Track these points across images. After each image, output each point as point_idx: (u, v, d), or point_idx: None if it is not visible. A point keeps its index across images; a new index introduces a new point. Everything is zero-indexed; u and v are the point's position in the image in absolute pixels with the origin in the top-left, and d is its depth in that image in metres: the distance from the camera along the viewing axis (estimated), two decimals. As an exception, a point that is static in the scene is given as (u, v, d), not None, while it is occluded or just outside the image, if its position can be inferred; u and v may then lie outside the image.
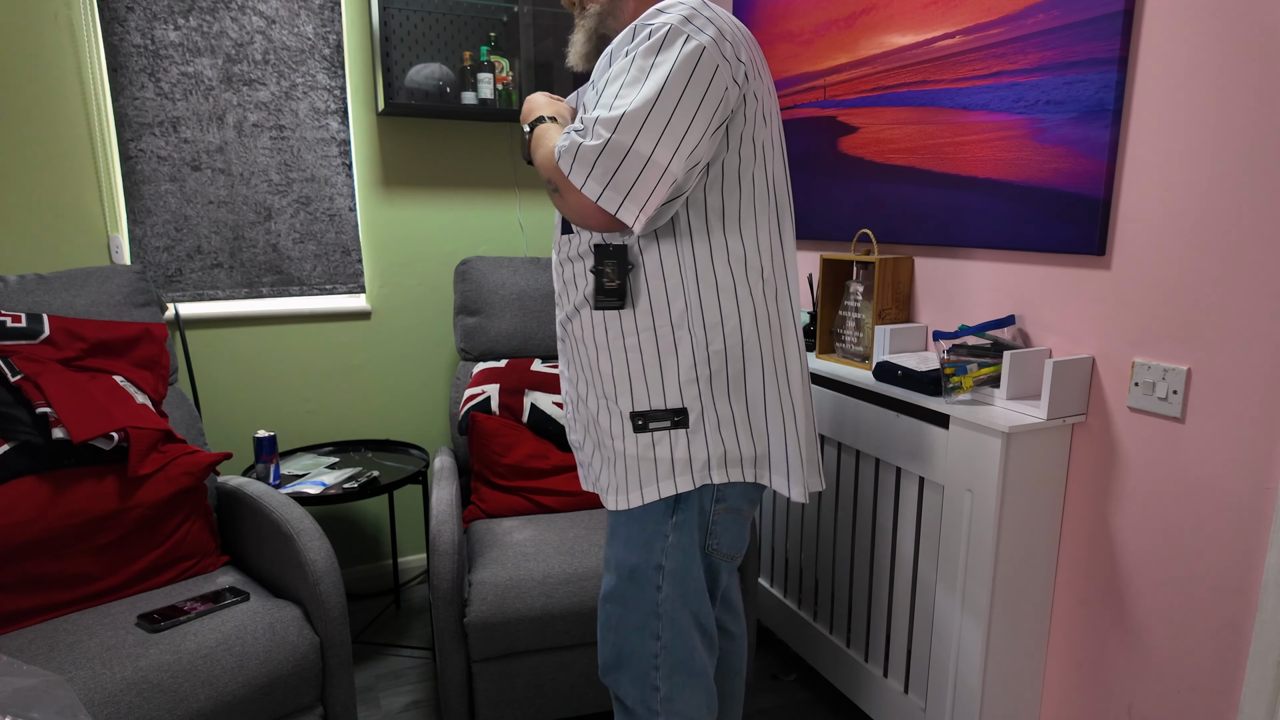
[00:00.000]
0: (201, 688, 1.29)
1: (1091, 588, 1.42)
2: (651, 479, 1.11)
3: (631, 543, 1.15)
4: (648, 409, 1.10)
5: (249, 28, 2.14)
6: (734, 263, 1.09)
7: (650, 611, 1.16)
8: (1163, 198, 1.26)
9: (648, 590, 1.15)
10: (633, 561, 1.15)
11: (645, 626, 1.16)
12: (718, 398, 1.10)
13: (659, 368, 1.10)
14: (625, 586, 1.16)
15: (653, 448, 1.10)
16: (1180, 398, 1.25)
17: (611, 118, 0.97)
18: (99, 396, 1.57)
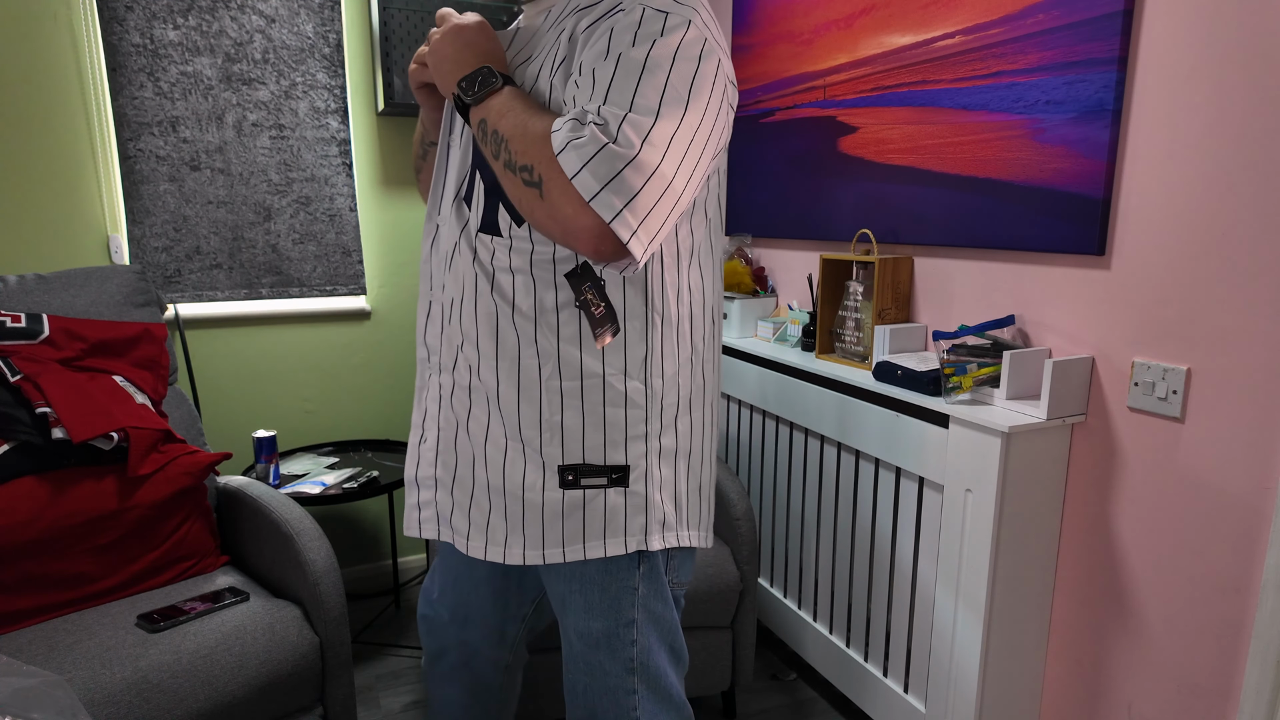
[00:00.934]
0: (201, 688, 1.29)
1: (1091, 587, 1.42)
2: (598, 532, 0.96)
3: (592, 609, 1.00)
4: (581, 463, 0.94)
5: (248, 27, 2.14)
6: (695, 304, 0.97)
7: (625, 670, 1.02)
8: (1162, 198, 1.26)
9: (621, 650, 1.02)
10: (599, 628, 1.00)
11: (620, 686, 1.03)
12: (664, 458, 0.97)
13: (603, 420, 0.94)
14: (593, 654, 1.02)
15: (583, 505, 0.95)
16: (1180, 398, 1.25)
17: (644, 123, 0.78)
18: (99, 396, 1.57)
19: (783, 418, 1.95)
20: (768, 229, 2.21)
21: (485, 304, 0.94)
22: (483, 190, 0.92)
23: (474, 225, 0.93)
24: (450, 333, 0.98)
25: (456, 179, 0.96)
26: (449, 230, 0.96)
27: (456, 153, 0.97)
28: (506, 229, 0.91)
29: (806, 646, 1.94)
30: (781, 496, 2.00)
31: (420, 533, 1.06)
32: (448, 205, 0.97)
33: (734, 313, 2.16)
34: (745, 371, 2.05)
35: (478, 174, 0.93)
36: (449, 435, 1.01)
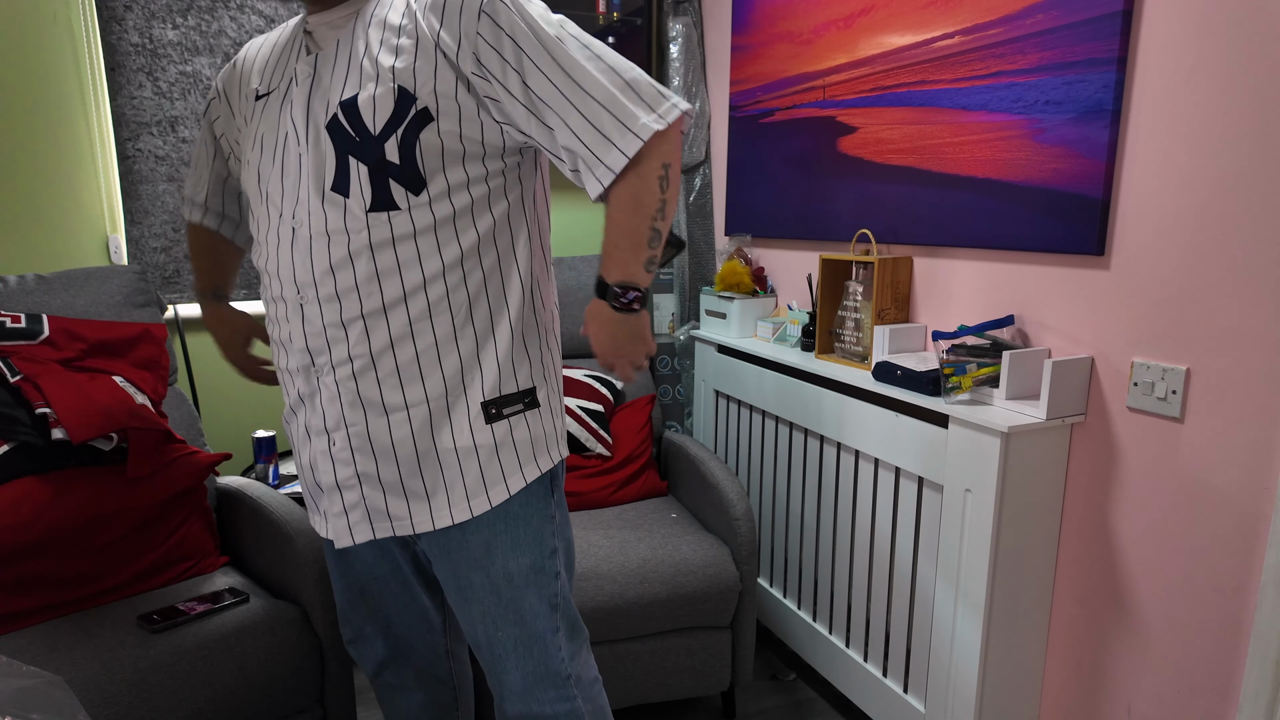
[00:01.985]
0: (201, 688, 1.29)
1: (1091, 587, 1.43)
2: (515, 464, 1.04)
3: (519, 545, 1.05)
4: (499, 395, 1.03)
5: (248, 27, 2.14)
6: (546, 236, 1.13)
7: (550, 609, 1.08)
8: (1162, 198, 1.26)
9: (546, 586, 1.07)
10: (526, 563, 1.05)
11: (548, 628, 1.07)
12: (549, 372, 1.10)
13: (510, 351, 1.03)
14: (521, 596, 1.05)
15: (510, 437, 1.03)
16: (1179, 398, 1.25)
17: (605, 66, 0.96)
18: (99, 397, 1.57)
19: (782, 418, 1.95)
20: (767, 229, 2.21)
21: (389, 278, 0.98)
22: (365, 173, 0.96)
23: (361, 207, 0.97)
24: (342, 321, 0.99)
25: (315, 174, 0.98)
26: (318, 222, 0.98)
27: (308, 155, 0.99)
28: (404, 200, 0.97)
29: (806, 647, 1.94)
30: (781, 497, 2.00)
31: (353, 539, 1.04)
32: (313, 200, 0.98)
33: (733, 313, 2.16)
34: (745, 372, 2.06)
35: (352, 160, 0.97)
36: (360, 428, 1.01)
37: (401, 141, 0.96)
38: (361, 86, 0.97)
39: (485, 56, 0.95)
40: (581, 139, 0.95)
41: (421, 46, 0.96)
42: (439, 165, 0.97)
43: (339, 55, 1.00)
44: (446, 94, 0.96)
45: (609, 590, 1.61)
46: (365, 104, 0.96)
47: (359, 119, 0.96)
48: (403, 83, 0.96)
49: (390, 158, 0.96)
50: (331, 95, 0.98)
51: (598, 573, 1.63)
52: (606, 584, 1.61)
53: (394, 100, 0.96)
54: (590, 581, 1.62)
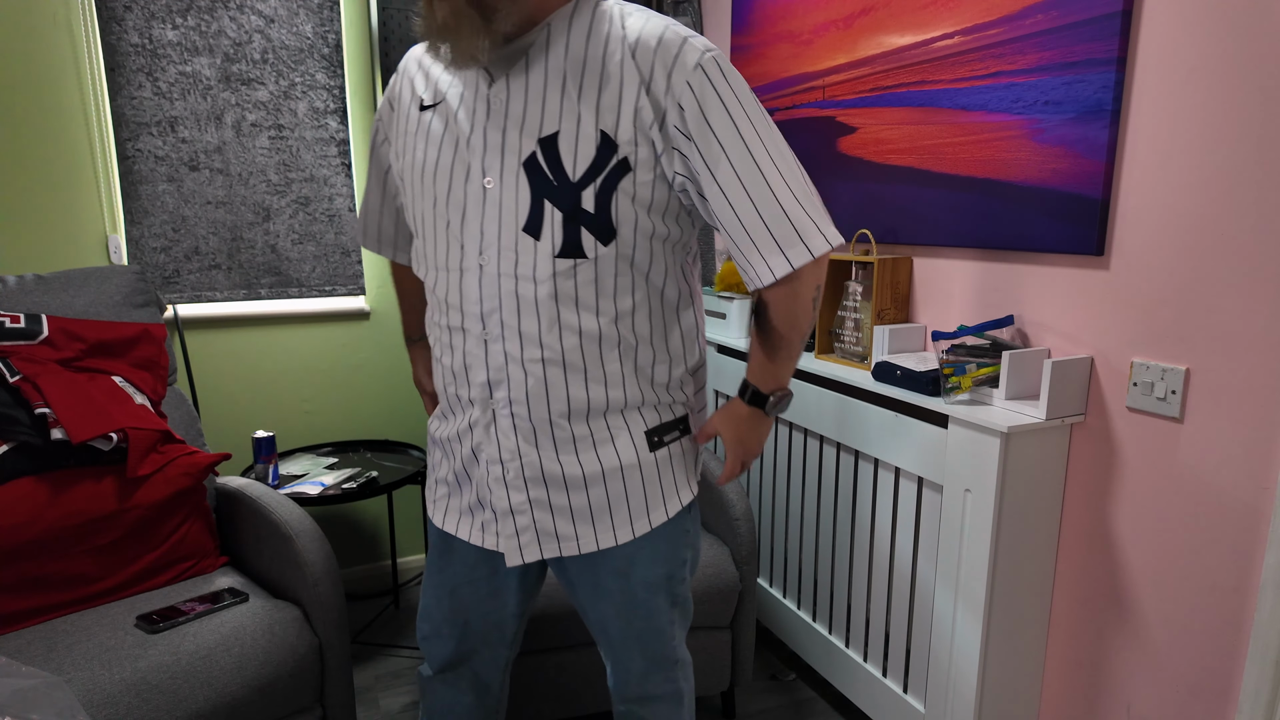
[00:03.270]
0: (200, 689, 1.29)
1: (1090, 587, 1.43)
2: (672, 488, 1.11)
3: (658, 558, 1.13)
4: (659, 424, 1.09)
5: (247, 27, 2.14)
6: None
7: (669, 605, 1.16)
8: (1161, 198, 1.26)
9: (673, 589, 1.16)
10: (661, 573, 1.13)
11: (665, 621, 1.17)
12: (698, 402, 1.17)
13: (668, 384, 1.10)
14: (652, 598, 1.14)
15: (670, 458, 1.11)
16: (1179, 398, 1.25)
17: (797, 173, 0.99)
18: (98, 397, 1.57)
19: (782, 418, 1.95)
20: (767, 229, 2.20)
21: (569, 321, 1.00)
22: (560, 219, 0.97)
23: (550, 251, 0.98)
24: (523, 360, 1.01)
25: (508, 213, 0.98)
26: (507, 262, 0.99)
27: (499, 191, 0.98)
28: (592, 249, 0.98)
29: (806, 646, 1.94)
30: (781, 497, 2.00)
31: (524, 558, 1.10)
32: (504, 239, 0.98)
33: (733, 313, 2.16)
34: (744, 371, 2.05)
35: (547, 204, 0.97)
36: (533, 459, 1.05)
37: (599, 191, 0.96)
38: (561, 125, 0.96)
39: (689, 113, 0.95)
40: (757, 229, 0.97)
41: (626, 90, 0.95)
42: (631, 216, 0.98)
43: (531, 84, 0.97)
44: (645, 144, 0.96)
45: (609, 590, 1.61)
46: (566, 146, 0.95)
47: (558, 161, 0.96)
48: (605, 128, 0.95)
49: (585, 206, 0.96)
50: (527, 130, 0.96)
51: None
52: (606, 584, 1.62)
53: (596, 146, 0.95)
54: (590, 582, 1.62)
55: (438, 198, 1.03)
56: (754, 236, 0.98)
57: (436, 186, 1.03)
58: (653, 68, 0.95)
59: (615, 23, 0.98)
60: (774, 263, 0.98)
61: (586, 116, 0.95)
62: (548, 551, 1.10)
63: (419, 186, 1.05)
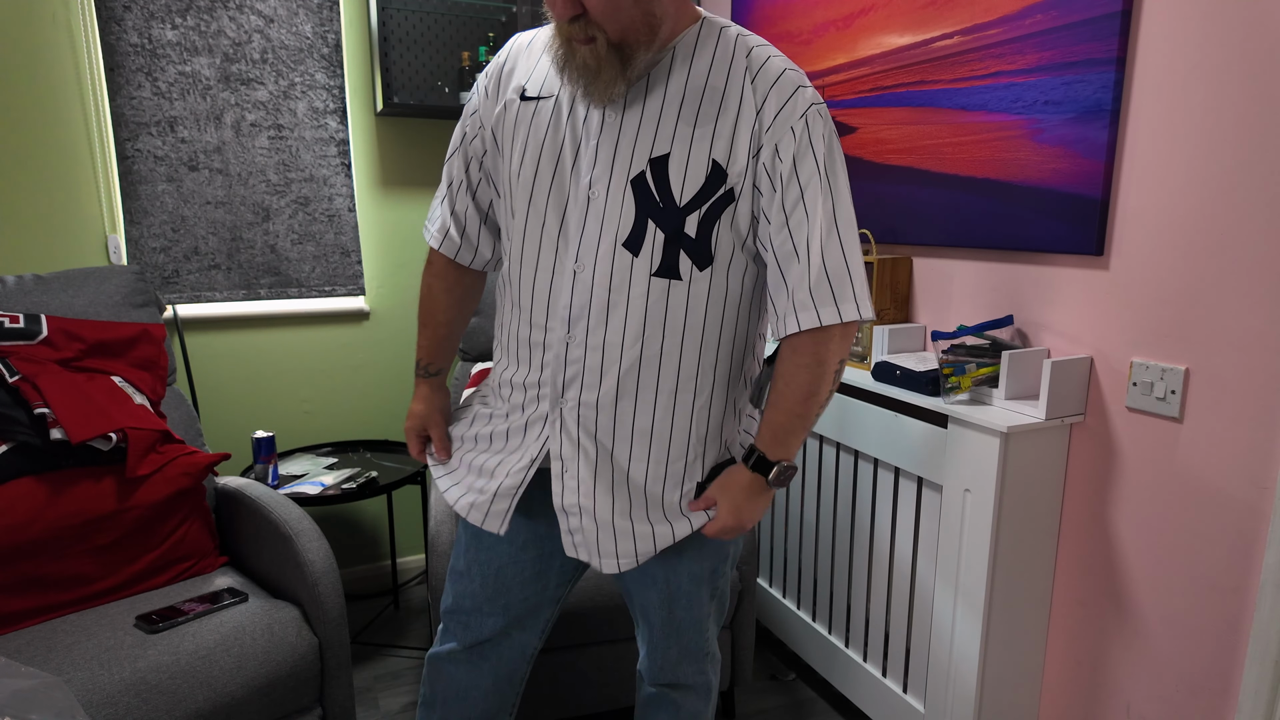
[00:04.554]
0: (200, 689, 1.29)
1: (1090, 587, 1.43)
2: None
3: (703, 554, 1.14)
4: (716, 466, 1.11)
5: (247, 27, 2.14)
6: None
7: (709, 597, 1.19)
8: (1161, 198, 1.26)
9: (715, 581, 1.18)
10: (708, 566, 1.16)
11: (704, 613, 1.19)
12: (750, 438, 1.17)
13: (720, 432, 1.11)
14: (697, 590, 1.16)
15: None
16: (1178, 397, 1.25)
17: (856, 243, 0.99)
18: (97, 397, 1.57)
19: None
20: (766, 229, 2.21)
21: (652, 339, 1.01)
22: (661, 239, 0.98)
23: (647, 269, 0.99)
24: (601, 368, 1.03)
25: (610, 224, 0.99)
26: (603, 273, 1.00)
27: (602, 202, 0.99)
28: (688, 273, 1.00)
29: (805, 646, 1.94)
30: (780, 496, 2.00)
31: (577, 554, 1.10)
32: (603, 249, 0.99)
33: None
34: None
35: (650, 223, 0.98)
36: (590, 461, 1.06)
37: (703, 218, 0.97)
38: (673, 148, 0.97)
39: (784, 159, 0.96)
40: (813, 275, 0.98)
41: (742, 121, 0.96)
42: (729, 247, 1.00)
43: (649, 105, 0.98)
44: (747, 175, 0.97)
45: (608, 590, 1.61)
46: (676, 169, 0.97)
47: (666, 183, 0.97)
48: (717, 157, 0.96)
49: (688, 231, 0.98)
50: (639, 148, 0.97)
51: (597, 573, 1.63)
52: (606, 583, 1.61)
53: (705, 174, 0.96)
54: (590, 581, 1.62)
55: (535, 197, 1.03)
56: (793, 285, 0.98)
57: (537, 185, 1.02)
58: (766, 100, 0.96)
59: (739, 52, 0.99)
60: (804, 315, 0.98)
61: (700, 143, 0.97)
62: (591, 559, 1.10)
63: (517, 181, 1.04)
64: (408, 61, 2.17)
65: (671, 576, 1.15)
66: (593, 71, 0.94)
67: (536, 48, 1.07)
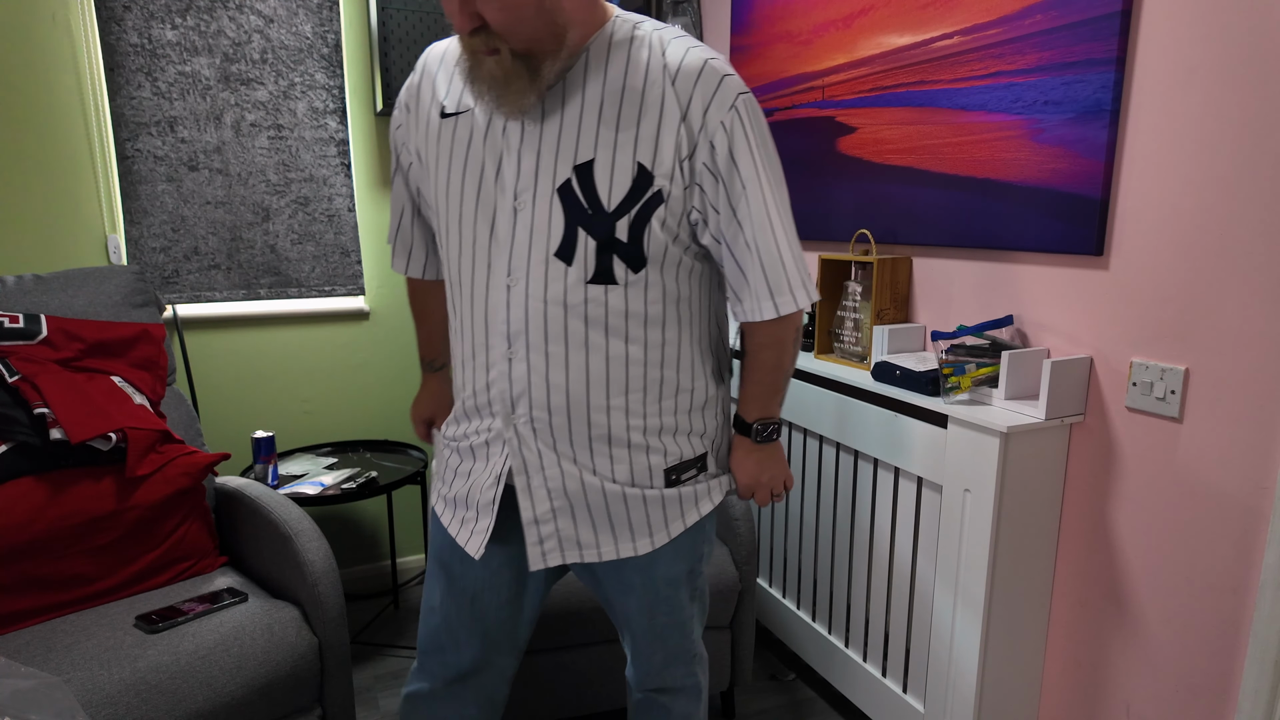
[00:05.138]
0: (200, 689, 1.29)
1: (1090, 587, 1.43)
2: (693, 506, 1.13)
3: (680, 554, 1.14)
4: (679, 463, 1.10)
5: (247, 27, 2.14)
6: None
7: (689, 599, 1.19)
8: (1160, 198, 1.26)
9: (692, 582, 1.18)
10: (683, 569, 1.16)
11: (686, 614, 1.19)
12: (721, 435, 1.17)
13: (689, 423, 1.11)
14: (675, 593, 1.16)
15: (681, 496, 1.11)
16: (1178, 398, 1.25)
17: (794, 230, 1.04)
18: (97, 397, 1.57)
19: (782, 417, 1.95)
20: (766, 229, 2.20)
21: (596, 346, 1.01)
22: (593, 246, 0.97)
23: (581, 277, 0.99)
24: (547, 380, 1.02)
25: (539, 236, 0.98)
26: (536, 285, 0.99)
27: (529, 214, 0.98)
28: (623, 277, 0.99)
29: (805, 646, 1.94)
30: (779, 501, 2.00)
31: (545, 563, 1.09)
32: (534, 260, 0.99)
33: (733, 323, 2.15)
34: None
35: (581, 231, 0.97)
36: (555, 473, 1.06)
37: (633, 221, 0.97)
38: (597, 153, 0.96)
39: (720, 153, 0.96)
40: (756, 274, 1.02)
41: (666, 121, 0.95)
42: (662, 247, 1.00)
43: (567, 112, 0.96)
44: (678, 176, 0.97)
45: (608, 590, 1.61)
46: (602, 175, 0.96)
47: (593, 189, 0.96)
48: (642, 159, 0.95)
49: (619, 235, 0.97)
50: (561, 156, 0.96)
51: (597, 573, 1.63)
52: (605, 584, 1.62)
53: (632, 178, 0.96)
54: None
55: (464, 214, 1.02)
56: (751, 279, 1.02)
57: (464, 202, 1.01)
58: (691, 99, 0.95)
59: (655, 50, 0.97)
60: (764, 306, 1.03)
61: (624, 147, 0.96)
62: (569, 557, 1.09)
63: (445, 199, 1.04)
64: (408, 61, 2.17)
65: (648, 583, 1.14)
66: (500, 83, 0.92)
67: (450, 61, 1.06)
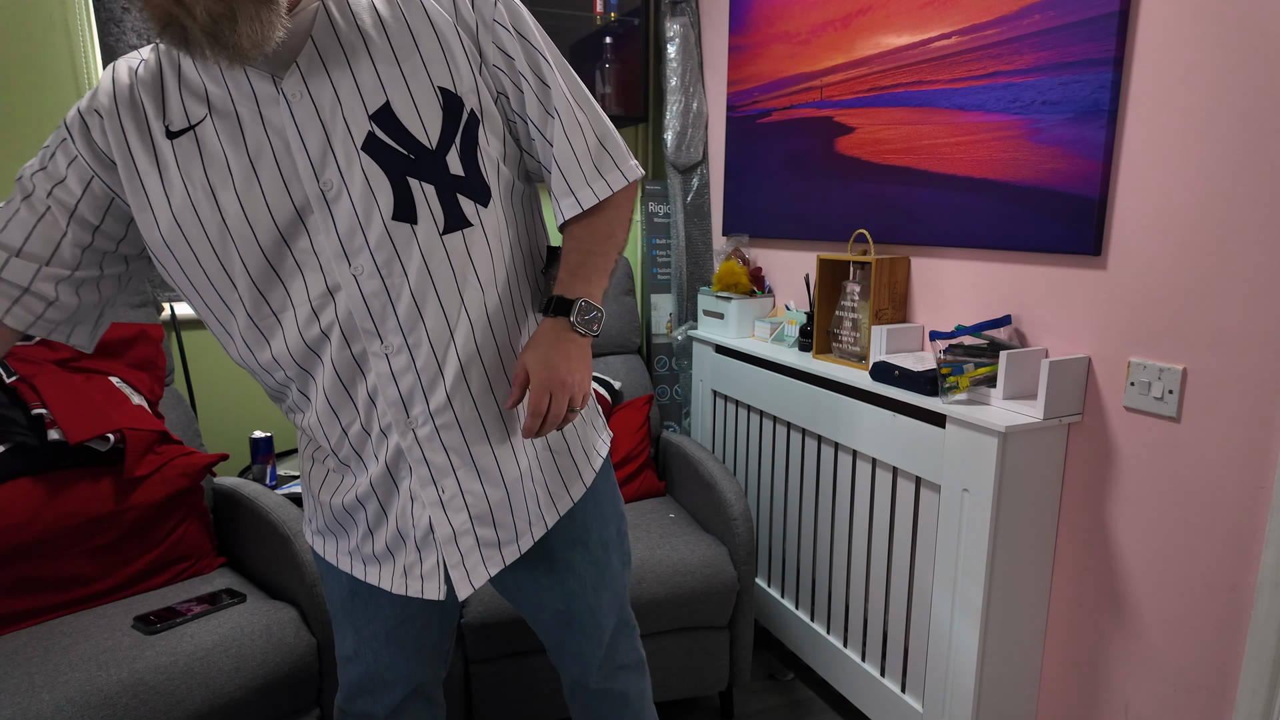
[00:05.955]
0: (198, 690, 1.29)
1: (1088, 587, 1.43)
2: (581, 453, 1.08)
3: (606, 516, 1.11)
4: None
5: (245, 28, 2.13)
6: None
7: (622, 564, 1.15)
8: (1158, 198, 1.26)
9: (622, 544, 1.15)
10: (613, 530, 1.12)
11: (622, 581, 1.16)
12: None
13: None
14: (609, 558, 1.12)
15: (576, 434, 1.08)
16: (1176, 397, 1.26)
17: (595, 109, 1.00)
18: (95, 398, 1.56)
19: (780, 418, 1.95)
20: (765, 229, 2.21)
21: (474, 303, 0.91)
22: (433, 192, 0.87)
23: (434, 231, 0.88)
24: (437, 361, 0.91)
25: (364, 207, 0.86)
26: (387, 262, 0.87)
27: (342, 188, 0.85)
28: (475, 216, 0.90)
29: (804, 646, 1.94)
30: (779, 497, 2.00)
31: (472, 585, 0.98)
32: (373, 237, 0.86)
33: (731, 313, 2.16)
34: (742, 371, 2.06)
35: (412, 181, 0.86)
36: (468, 468, 0.96)
37: (463, 152, 0.88)
38: (388, 93, 0.84)
39: (508, 46, 0.91)
40: (578, 159, 0.95)
41: (445, 38, 0.87)
42: (494, 171, 0.92)
43: (331, 66, 0.84)
44: (481, 89, 0.89)
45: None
46: (404, 110, 0.85)
47: (403, 131, 0.85)
48: (442, 83, 0.86)
49: (455, 171, 0.88)
50: (349, 111, 0.84)
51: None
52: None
53: (440, 106, 0.86)
54: (588, 582, 1.62)
55: (257, 229, 0.85)
56: (583, 164, 0.96)
57: (251, 218, 0.85)
58: (456, 7, 0.89)
59: None
60: (597, 188, 0.97)
61: (415, 76, 0.86)
62: (492, 567, 1.00)
63: (218, 227, 0.85)
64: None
65: (586, 554, 1.09)
66: (226, 18, 0.74)
67: (146, 78, 0.89)
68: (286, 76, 0.84)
